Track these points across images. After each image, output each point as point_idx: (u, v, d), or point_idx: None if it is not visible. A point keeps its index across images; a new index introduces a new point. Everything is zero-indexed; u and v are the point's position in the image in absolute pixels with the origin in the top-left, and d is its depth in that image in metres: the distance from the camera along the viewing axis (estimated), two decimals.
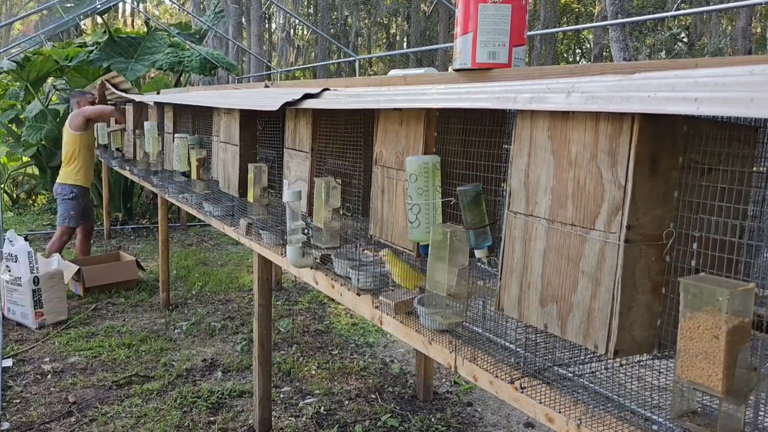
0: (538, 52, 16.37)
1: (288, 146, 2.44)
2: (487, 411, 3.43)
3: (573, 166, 1.18)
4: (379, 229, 1.86)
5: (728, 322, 0.94)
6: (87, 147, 5.57)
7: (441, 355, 1.57)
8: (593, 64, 1.31)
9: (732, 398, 0.97)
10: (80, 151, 5.48)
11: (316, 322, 4.78)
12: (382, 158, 1.83)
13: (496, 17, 1.56)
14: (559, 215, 1.21)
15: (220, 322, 4.71)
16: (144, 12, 13.66)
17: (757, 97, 0.79)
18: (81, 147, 5.50)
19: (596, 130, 1.13)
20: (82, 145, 5.51)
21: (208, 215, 3.35)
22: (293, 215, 2.14)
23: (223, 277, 5.90)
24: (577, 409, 1.21)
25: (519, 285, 1.30)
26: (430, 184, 1.59)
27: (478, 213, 1.49)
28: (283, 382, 3.72)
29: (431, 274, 1.55)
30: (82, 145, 5.50)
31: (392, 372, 3.91)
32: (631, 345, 1.13)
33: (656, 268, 1.13)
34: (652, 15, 11.30)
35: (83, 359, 3.95)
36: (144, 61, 7.58)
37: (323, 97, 2.01)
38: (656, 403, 1.20)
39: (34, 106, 8.13)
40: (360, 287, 1.91)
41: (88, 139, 5.63)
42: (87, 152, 5.56)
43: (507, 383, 1.34)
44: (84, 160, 5.50)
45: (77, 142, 5.49)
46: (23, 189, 10.13)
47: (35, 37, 8.89)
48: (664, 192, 1.11)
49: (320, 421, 3.27)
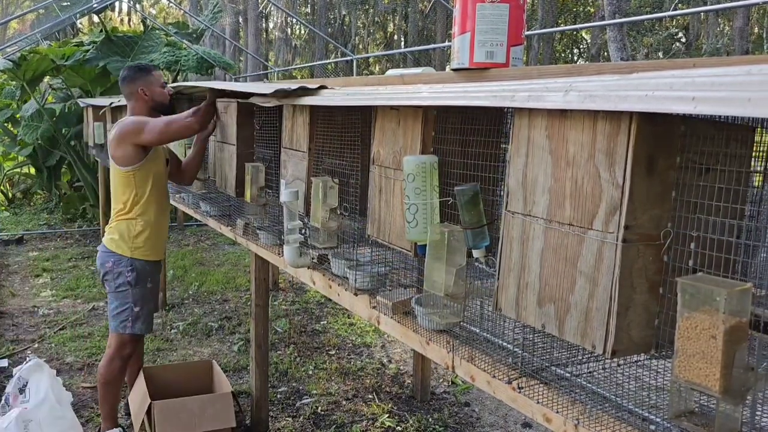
0: (535, 51, 16.38)
1: (285, 146, 2.44)
2: (485, 411, 3.43)
3: (571, 166, 1.18)
4: (376, 228, 1.86)
5: (725, 322, 0.94)
6: (153, 183, 2.86)
7: (438, 355, 1.57)
8: (591, 64, 1.31)
9: (729, 398, 0.97)
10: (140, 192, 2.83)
11: (314, 323, 4.78)
12: (380, 158, 1.83)
13: (494, 17, 1.56)
14: (557, 215, 1.21)
15: (217, 322, 4.70)
16: (141, 11, 13.63)
17: (755, 96, 0.79)
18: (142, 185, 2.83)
19: (594, 129, 1.13)
20: (143, 181, 2.82)
21: (205, 215, 3.35)
22: (290, 215, 2.13)
23: (220, 277, 5.88)
24: (575, 409, 1.21)
25: (517, 285, 1.30)
26: (427, 184, 1.59)
27: (475, 213, 1.49)
28: (280, 383, 3.71)
29: (429, 274, 1.55)
30: (142, 182, 2.82)
31: (389, 372, 3.91)
32: (628, 345, 1.13)
33: (654, 268, 1.13)
34: (649, 15, 11.32)
35: (79, 360, 3.94)
36: (141, 60, 7.56)
37: (320, 94, 2.00)
38: (654, 403, 1.20)
39: (30, 106, 8.11)
40: (357, 287, 1.91)
41: (152, 169, 2.86)
42: (155, 191, 2.88)
43: (504, 383, 1.34)
44: (148, 207, 2.85)
45: (131, 180, 2.81)
46: (19, 188, 10.11)
47: (31, 36, 8.86)
48: (662, 192, 1.11)
49: (317, 421, 3.27)
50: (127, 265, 2.80)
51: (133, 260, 2.81)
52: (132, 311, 2.82)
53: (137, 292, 2.83)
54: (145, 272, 2.86)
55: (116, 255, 2.81)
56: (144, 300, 2.86)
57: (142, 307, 2.85)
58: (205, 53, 8.16)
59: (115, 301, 2.84)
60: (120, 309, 2.82)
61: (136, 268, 2.81)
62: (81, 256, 6.63)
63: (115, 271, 2.81)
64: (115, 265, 2.80)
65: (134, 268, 2.81)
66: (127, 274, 2.80)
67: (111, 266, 2.81)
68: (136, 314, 2.83)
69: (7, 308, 4.97)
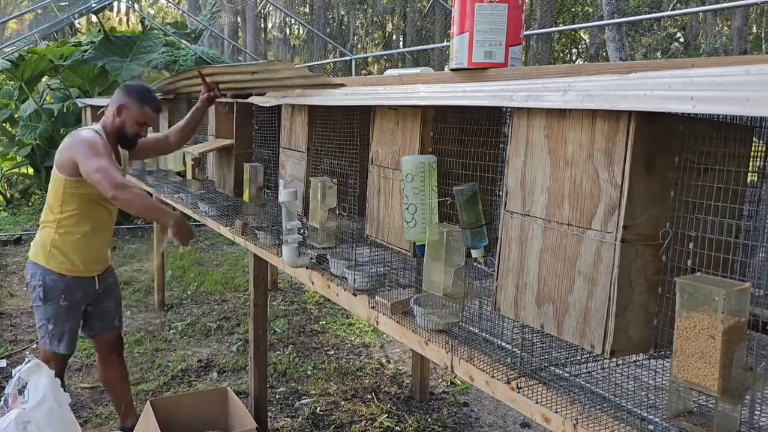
0: (534, 51, 16.38)
1: (284, 146, 2.44)
2: (484, 411, 3.43)
3: (569, 166, 1.18)
4: (375, 229, 1.86)
5: (724, 321, 0.94)
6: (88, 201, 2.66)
7: (437, 355, 1.57)
8: (590, 64, 1.31)
9: (728, 398, 0.97)
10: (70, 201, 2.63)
11: (312, 323, 4.78)
12: (378, 158, 1.83)
13: (493, 17, 1.56)
14: (556, 215, 1.21)
15: (216, 322, 4.69)
16: (139, 11, 13.62)
17: (753, 96, 0.79)
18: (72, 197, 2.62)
19: (593, 129, 1.13)
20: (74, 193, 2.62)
21: (203, 215, 3.34)
22: (289, 215, 2.13)
23: (219, 278, 5.88)
24: (574, 409, 1.21)
25: (515, 285, 1.30)
26: (426, 184, 1.59)
27: (474, 213, 1.49)
28: (278, 383, 3.71)
29: (427, 274, 1.55)
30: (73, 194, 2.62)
31: (388, 372, 3.91)
32: (627, 345, 1.13)
33: (652, 268, 1.13)
34: (648, 15, 11.33)
35: (78, 360, 3.93)
36: (139, 61, 7.56)
37: (320, 93, 2.00)
38: (652, 403, 1.20)
39: (28, 105, 8.10)
40: (356, 287, 1.91)
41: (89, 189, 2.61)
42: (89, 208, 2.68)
43: (503, 383, 1.34)
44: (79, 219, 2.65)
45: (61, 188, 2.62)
46: (17, 189, 10.09)
47: (29, 36, 8.85)
48: (661, 192, 1.11)
49: (316, 421, 3.27)
50: (39, 278, 2.62)
51: (45, 273, 2.61)
52: (47, 329, 2.64)
53: (48, 309, 2.63)
54: (57, 288, 2.62)
55: (32, 265, 2.66)
56: (58, 318, 2.64)
57: (56, 325, 2.63)
58: (203, 53, 8.16)
59: (36, 314, 2.71)
60: (38, 324, 2.68)
61: (45, 283, 2.61)
62: None
63: (31, 284, 2.66)
64: (32, 277, 2.65)
65: (44, 282, 2.61)
66: (38, 288, 2.62)
67: (29, 279, 2.67)
68: (51, 332, 2.64)
69: (6, 309, 4.96)
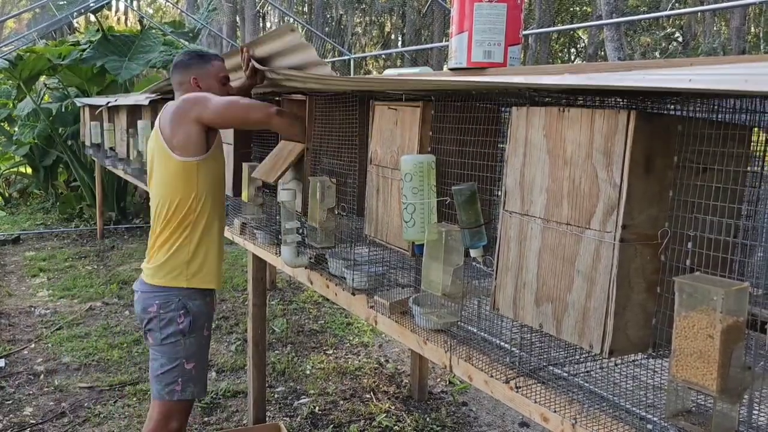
0: (533, 51, 16.39)
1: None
2: (482, 411, 3.43)
3: (568, 166, 1.18)
4: (374, 228, 1.86)
5: (723, 321, 0.94)
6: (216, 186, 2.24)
7: (436, 354, 1.57)
8: (588, 63, 1.31)
9: (726, 397, 0.97)
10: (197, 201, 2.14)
11: (311, 322, 4.77)
12: (377, 157, 1.83)
13: (492, 16, 1.56)
14: (555, 214, 1.21)
15: (214, 321, 4.69)
16: (137, 10, 13.61)
17: (752, 77, 0.77)
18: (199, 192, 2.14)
19: (591, 129, 1.13)
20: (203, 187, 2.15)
21: None
22: (288, 215, 2.13)
23: None
24: (572, 408, 1.21)
25: (514, 284, 1.30)
26: (425, 184, 1.59)
27: (473, 212, 1.49)
28: (277, 382, 3.71)
29: (426, 273, 1.55)
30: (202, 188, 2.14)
31: (387, 372, 3.91)
32: (626, 344, 1.13)
33: (651, 268, 1.13)
34: (646, 14, 11.34)
35: (76, 359, 3.93)
36: (138, 60, 7.55)
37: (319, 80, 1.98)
38: (651, 403, 1.20)
39: (26, 105, 8.09)
40: (355, 287, 1.91)
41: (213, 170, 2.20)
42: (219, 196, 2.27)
43: (502, 383, 1.34)
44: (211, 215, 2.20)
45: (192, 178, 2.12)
46: (16, 188, 10.08)
47: (28, 35, 8.84)
48: (659, 191, 1.11)
49: (315, 421, 3.27)
50: (180, 306, 2.11)
51: (188, 298, 2.12)
52: (183, 369, 2.11)
53: (190, 344, 2.13)
54: (202, 315, 2.17)
55: (164, 292, 2.11)
56: (201, 354, 2.18)
57: (197, 363, 2.15)
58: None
59: (161, 357, 2.12)
60: (167, 368, 2.11)
61: (190, 310, 2.12)
62: (78, 256, 6.62)
63: (160, 317, 2.10)
64: (162, 307, 2.10)
65: (188, 310, 2.12)
66: (179, 319, 2.10)
67: (155, 311, 2.10)
68: (189, 375, 2.12)
69: (4, 308, 4.95)
